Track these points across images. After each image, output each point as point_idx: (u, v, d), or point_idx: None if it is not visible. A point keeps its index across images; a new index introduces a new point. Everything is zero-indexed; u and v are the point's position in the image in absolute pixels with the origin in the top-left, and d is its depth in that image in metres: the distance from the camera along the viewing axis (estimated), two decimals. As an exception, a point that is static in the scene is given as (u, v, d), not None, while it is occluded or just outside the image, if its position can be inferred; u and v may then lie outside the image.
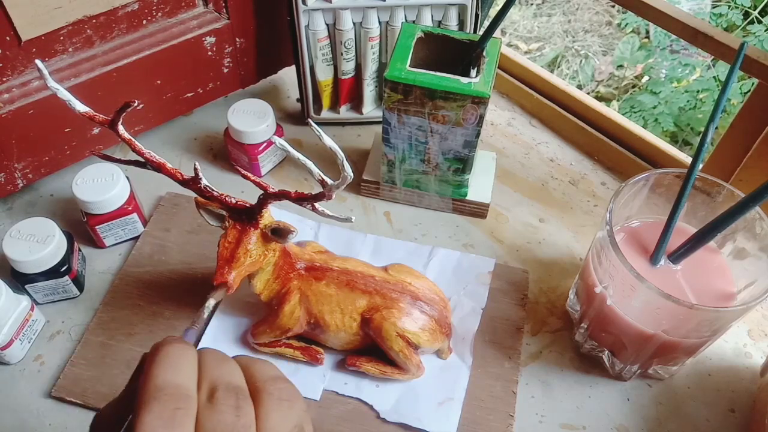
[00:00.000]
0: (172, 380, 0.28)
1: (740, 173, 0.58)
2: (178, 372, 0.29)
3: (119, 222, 0.58)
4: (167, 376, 0.28)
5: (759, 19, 1.23)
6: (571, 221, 0.64)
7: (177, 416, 0.27)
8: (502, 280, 0.58)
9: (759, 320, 0.57)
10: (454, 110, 0.53)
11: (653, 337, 0.46)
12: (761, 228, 0.47)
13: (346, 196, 0.65)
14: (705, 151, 0.45)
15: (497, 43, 0.56)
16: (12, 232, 0.53)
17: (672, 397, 0.53)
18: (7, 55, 0.53)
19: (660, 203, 0.50)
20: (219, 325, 0.54)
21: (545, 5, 1.56)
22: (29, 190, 0.64)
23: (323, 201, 0.41)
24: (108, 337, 0.54)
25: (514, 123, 0.73)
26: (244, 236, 0.44)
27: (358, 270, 0.51)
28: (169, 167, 0.44)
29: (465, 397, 0.51)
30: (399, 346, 0.48)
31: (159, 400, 0.27)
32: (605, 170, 0.69)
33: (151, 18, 0.60)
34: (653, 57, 1.31)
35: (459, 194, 0.62)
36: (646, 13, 0.57)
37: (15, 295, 0.51)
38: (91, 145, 0.62)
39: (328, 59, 0.65)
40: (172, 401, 0.27)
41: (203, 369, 0.30)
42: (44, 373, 0.52)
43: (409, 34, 0.56)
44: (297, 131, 0.71)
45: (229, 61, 0.66)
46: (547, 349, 0.55)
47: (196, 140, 0.70)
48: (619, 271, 0.45)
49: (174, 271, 0.58)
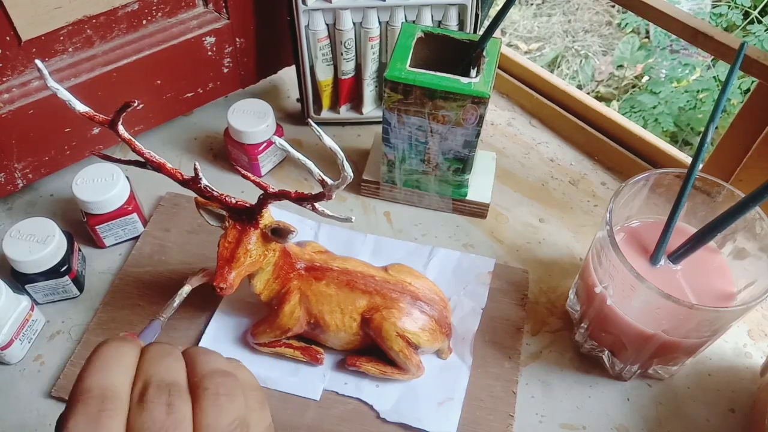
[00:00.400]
0: (99, 381, 0.28)
1: (740, 173, 0.58)
2: (107, 372, 0.28)
3: (119, 222, 0.58)
4: (95, 377, 0.28)
5: (759, 19, 1.23)
6: (571, 221, 0.64)
7: (101, 418, 0.26)
8: (502, 280, 0.58)
9: (759, 320, 0.57)
10: (454, 110, 0.53)
11: (653, 337, 0.46)
12: (761, 228, 0.47)
13: (346, 196, 0.65)
14: (705, 151, 0.45)
15: (497, 43, 0.56)
16: (12, 232, 0.53)
17: (672, 397, 0.53)
18: (7, 55, 0.53)
19: (660, 203, 0.50)
20: (219, 325, 0.54)
21: (545, 5, 1.56)
22: (29, 190, 0.64)
23: (323, 201, 0.41)
24: (108, 337, 0.54)
25: (514, 123, 0.73)
26: (244, 236, 0.44)
27: (358, 270, 0.51)
28: (169, 167, 0.44)
29: (465, 397, 0.51)
30: (399, 346, 0.48)
31: (84, 403, 0.27)
32: (605, 170, 0.69)
33: (151, 18, 0.60)
34: (653, 57, 1.31)
35: (459, 194, 0.62)
36: (646, 13, 0.57)
37: (15, 295, 0.51)
38: (91, 145, 0.62)
39: (328, 59, 0.65)
40: (97, 403, 0.27)
41: (141, 366, 0.29)
42: (44, 373, 0.52)
43: (409, 34, 0.56)
44: (297, 131, 0.71)
45: (229, 61, 0.66)
46: (547, 349, 0.55)
47: (196, 140, 0.70)
48: (619, 271, 0.45)
49: (174, 271, 0.58)
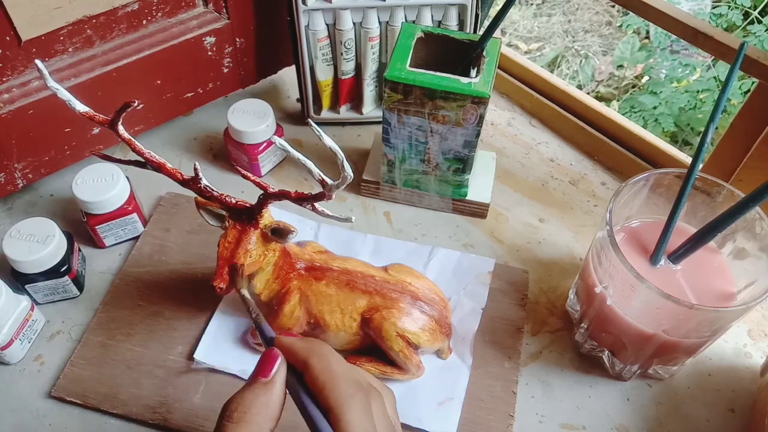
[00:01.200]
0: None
1: (740, 173, 0.58)
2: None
3: (119, 222, 0.58)
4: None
5: (759, 19, 1.23)
6: (571, 221, 0.64)
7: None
8: (502, 280, 0.58)
9: (759, 320, 0.57)
10: (454, 110, 0.53)
11: (653, 337, 0.46)
12: (761, 228, 0.47)
13: (346, 196, 0.65)
14: (705, 151, 0.45)
15: (497, 43, 0.56)
16: (12, 232, 0.53)
17: (672, 397, 0.53)
18: (7, 55, 0.53)
19: (660, 203, 0.50)
20: (219, 325, 0.54)
21: (545, 5, 1.56)
22: (29, 190, 0.64)
23: (323, 201, 0.41)
24: (108, 337, 0.54)
25: (514, 123, 0.73)
26: (244, 236, 0.44)
27: (358, 270, 0.51)
28: (169, 167, 0.44)
29: (465, 397, 0.51)
30: (399, 346, 0.48)
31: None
32: (605, 170, 0.69)
33: (151, 18, 0.60)
34: (653, 57, 1.31)
35: (459, 194, 0.62)
36: (646, 13, 0.57)
37: (15, 295, 0.51)
38: (91, 145, 0.62)
39: (328, 59, 0.65)
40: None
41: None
42: (44, 373, 0.52)
43: (409, 34, 0.56)
44: (297, 131, 0.71)
45: (229, 61, 0.66)
46: (547, 349, 0.55)
47: (196, 140, 0.70)
48: (619, 271, 0.45)
49: (174, 271, 0.58)
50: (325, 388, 0.34)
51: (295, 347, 0.36)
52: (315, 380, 0.34)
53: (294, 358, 0.36)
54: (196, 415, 0.49)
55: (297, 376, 0.36)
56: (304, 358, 0.35)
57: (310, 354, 0.35)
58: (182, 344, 0.53)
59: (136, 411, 0.50)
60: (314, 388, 0.34)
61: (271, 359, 0.36)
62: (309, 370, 0.35)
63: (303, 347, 0.36)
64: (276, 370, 0.35)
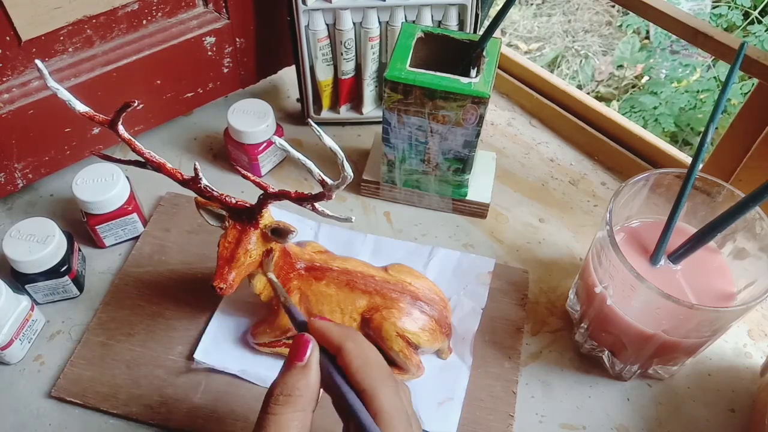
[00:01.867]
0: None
1: (740, 173, 0.58)
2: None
3: (119, 222, 0.58)
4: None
5: (759, 19, 1.23)
6: (571, 221, 0.64)
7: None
8: (502, 280, 0.58)
9: (759, 320, 0.57)
10: (454, 110, 0.53)
11: (653, 337, 0.46)
12: (761, 228, 0.47)
13: (346, 196, 0.65)
14: (705, 151, 0.45)
15: (497, 43, 0.56)
16: (12, 232, 0.53)
17: (672, 397, 0.53)
18: (7, 55, 0.53)
19: (660, 203, 0.50)
20: (219, 325, 0.54)
21: (545, 5, 1.56)
22: (29, 190, 0.64)
23: (323, 201, 0.41)
24: (108, 337, 0.54)
25: (514, 123, 0.73)
26: (244, 236, 0.44)
27: (358, 270, 0.51)
28: (169, 167, 0.44)
29: (465, 397, 0.51)
30: (399, 346, 0.48)
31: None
32: (605, 170, 0.69)
33: (151, 18, 0.60)
34: (653, 57, 1.31)
35: (459, 194, 0.62)
36: (646, 13, 0.57)
37: (15, 295, 0.51)
38: (91, 145, 0.62)
39: (328, 59, 0.65)
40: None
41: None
42: (44, 373, 0.52)
43: (409, 34, 0.56)
44: (297, 131, 0.71)
45: (229, 61, 0.66)
46: (547, 349, 0.55)
47: (196, 140, 0.70)
48: (619, 271, 0.45)
49: (174, 271, 0.58)
50: (360, 371, 0.35)
51: (331, 331, 0.38)
52: (350, 363, 0.36)
53: (328, 342, 0.37)
54: (196, 415, 0.49)
55: (329, 357, 0.37)
56: (340, 342, 0.37)
57: (346, 339, 0.37)
58: (182, 344, 0.53)
59: (136, 411, 0.50)
60: (348, 370, 0.36)
61: (303, 343, 0.37)
62: (344, 354, 0.36)
63: (339, 332, 0.37)
64: (309, 353, 0.37)
